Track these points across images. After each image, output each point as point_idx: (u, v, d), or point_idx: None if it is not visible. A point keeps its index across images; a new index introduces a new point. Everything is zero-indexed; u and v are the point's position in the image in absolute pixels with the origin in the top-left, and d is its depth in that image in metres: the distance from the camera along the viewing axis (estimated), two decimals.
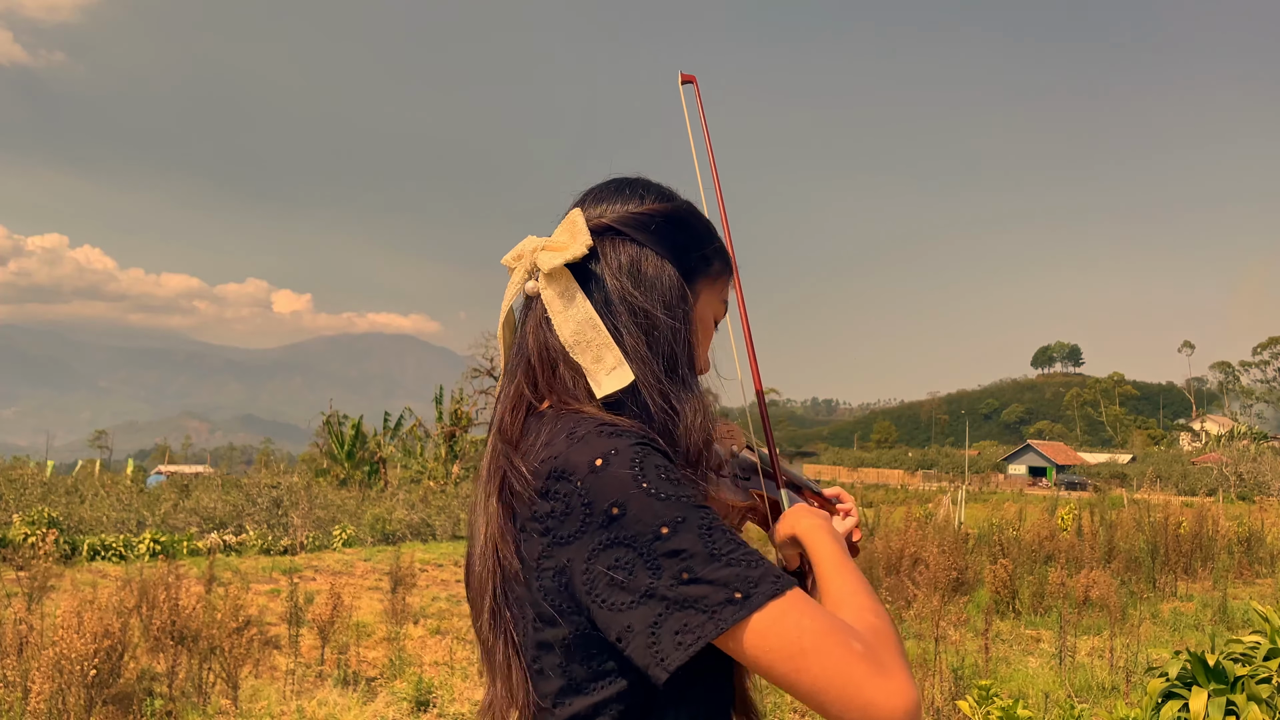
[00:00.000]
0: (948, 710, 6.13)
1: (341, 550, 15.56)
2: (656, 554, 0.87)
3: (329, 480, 29.05)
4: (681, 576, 0.86)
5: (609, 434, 0.94)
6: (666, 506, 0.89)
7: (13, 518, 14.86)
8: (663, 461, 0.92)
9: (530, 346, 1.06)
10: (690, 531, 0.87)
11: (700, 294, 1.11)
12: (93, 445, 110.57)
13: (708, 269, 1.12)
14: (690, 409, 1.02)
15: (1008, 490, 54.25)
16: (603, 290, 1.04)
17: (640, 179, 1.13)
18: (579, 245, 1.04)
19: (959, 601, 10.15)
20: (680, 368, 1.04)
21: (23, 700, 5.45)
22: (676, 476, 0.92)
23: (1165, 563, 12.96)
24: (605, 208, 1.08)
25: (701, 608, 0.85)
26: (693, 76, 1.19)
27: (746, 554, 0.88)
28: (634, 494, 0.89)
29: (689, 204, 1.13)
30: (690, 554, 0.87)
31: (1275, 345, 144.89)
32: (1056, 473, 75.10)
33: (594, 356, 1.01)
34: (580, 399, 1.02)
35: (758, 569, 0.87)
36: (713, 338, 1.16)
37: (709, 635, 0.85)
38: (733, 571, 0.86)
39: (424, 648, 8.25)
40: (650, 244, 1.06)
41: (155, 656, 7.00)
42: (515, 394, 1.06)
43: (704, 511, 0.90)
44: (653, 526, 0.88)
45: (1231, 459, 49.94)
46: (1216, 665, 4.19)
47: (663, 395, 1.01)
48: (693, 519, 0.88)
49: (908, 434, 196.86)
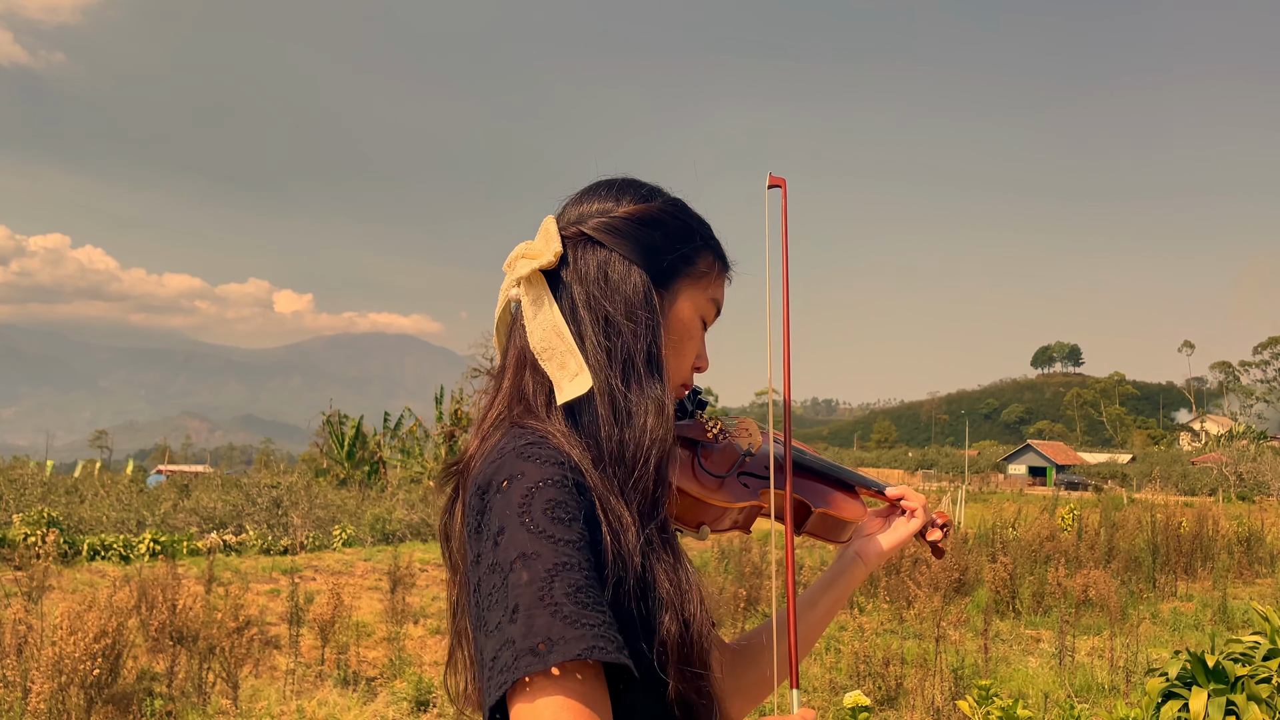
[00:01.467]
0: (948, 710, 6.13)
1: (341, 550, 15.57)
2: (509, 585, 0.86)
3: (329, 480, 29.06)
4: (511, 612, 0.84)
5: (525, 457, 0.94)
6: (531, 540, 0.86)
7: (13, 518, 14.87)
8: (562, 497, 0.91)
9: (510, 352, 1.09)
10: (535, 569, 0.85)
11: (680, 294, 1.10)
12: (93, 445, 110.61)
13: (688, 268, 1.10)
14: (645, 414, 1.01)
15: (1008, 490, 54.23)
16: (570, 297, 1.04)
17: (623, 179, 1.13)
18: (549, 253, 1.05)
19: (959, 601, 10.15)
20: (641, 374, 1.03)
21: (23, 700, 5.44)
22: (565, 516, 0.89)
23: (1165, 563, 12.96)
24: (580, 211, 1.09)
25: (509, 652, 0.82)
26: (782, 180, 1.16)
27: (579, 611, 0.84)
28: (513, 520, 0.88)
29: (671, 202, 1.11)
30: (524, 591, 0.84)
31: (1275, 345, 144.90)
32: (1056, 473, 75.10)
33: (559, 363, 1.01)
34: (536, 408, 1.03)
35: (577, 629, 0.82)
36: (700, 339, 1.14)
37: (507, 683, 0.81)
38: (545, 623, 0.82)
39: (424, 648, 8.25)
40: (619, 248, 1.06)
41: (155, 656, 7.00)
42: (491, 396, 1.09)
43: (567, 554, 0.86)
44: (510, 556, 0.87)
45: (1231, 459, 49.96)
46: (1216, 665, 4.19)
47: (618, 401, 1.01)
48: (548, 558, 0.86)
49: (908, 434, 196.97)
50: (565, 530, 0.89)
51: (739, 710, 1.25)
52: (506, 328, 1.11)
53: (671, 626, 0.97)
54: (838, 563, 1.31)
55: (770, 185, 1.16)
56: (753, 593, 10.16)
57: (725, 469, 1.18)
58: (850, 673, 7.07)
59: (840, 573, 1.29)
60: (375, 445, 32.72)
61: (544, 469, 0.93)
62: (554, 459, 0.94)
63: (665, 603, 0.97)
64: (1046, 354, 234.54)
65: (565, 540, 0.88)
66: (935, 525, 1.35)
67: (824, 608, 1.27)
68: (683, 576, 1.00)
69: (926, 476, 70.24)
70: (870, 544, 1.31)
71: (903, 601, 9.95)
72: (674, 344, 1.10)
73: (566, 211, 1.10)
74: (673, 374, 1.11)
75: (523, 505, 0.89)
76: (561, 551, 0.87)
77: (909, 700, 6.50)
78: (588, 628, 0.83)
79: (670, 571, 0.99)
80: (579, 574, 0.86)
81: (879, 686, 6.76)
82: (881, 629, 9.38)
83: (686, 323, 1.11)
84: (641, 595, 0.97)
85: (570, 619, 0.83)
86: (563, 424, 1.01)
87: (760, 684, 1.25)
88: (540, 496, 0.90)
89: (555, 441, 0.97)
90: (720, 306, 1.15)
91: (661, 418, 1.02)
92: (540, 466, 0.93)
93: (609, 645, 0.83)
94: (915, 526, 1.30)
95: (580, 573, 0.86)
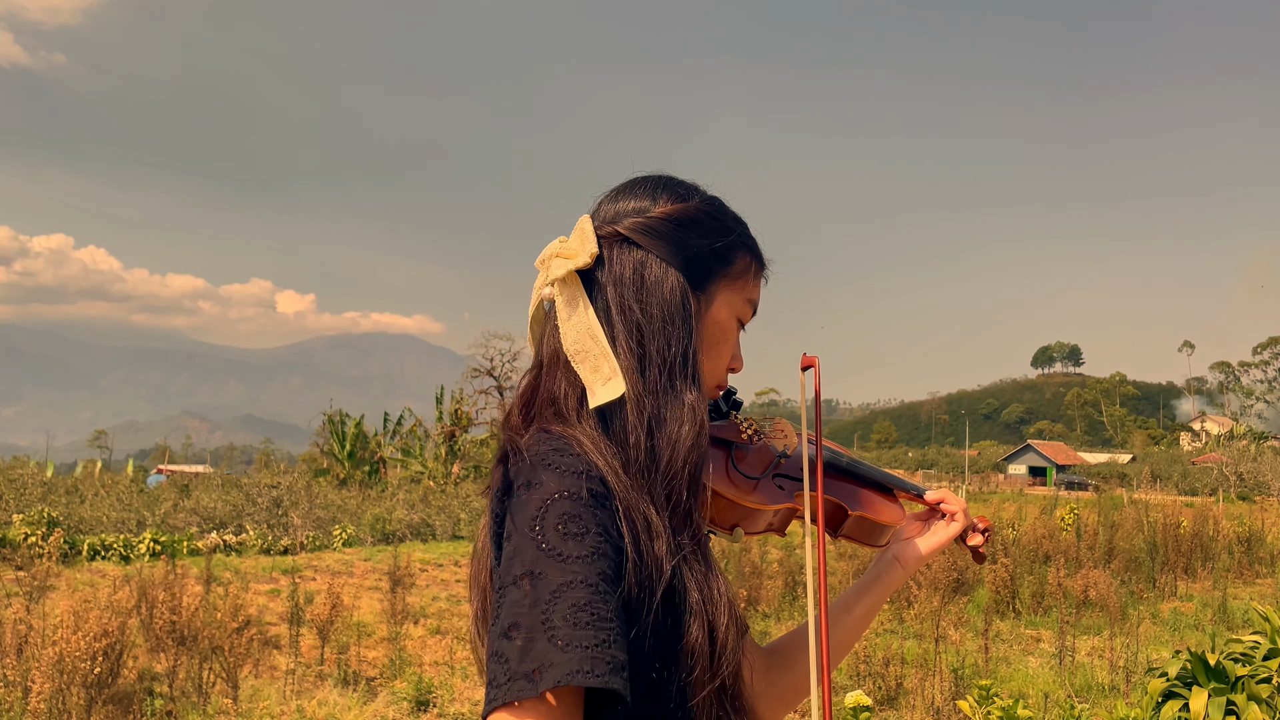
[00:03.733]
0: (948, 710, 6.13)
1: (341, 550, 15.56)
2: (511, 600, 0.85)
3: (329, 480, 29.04)
4: (509, 628, 0.84)
5: (546, 464, 0.93)
6: (539, 558, 0.86)
7: (13, 518, 14.86)
8: (576, 510, 0.90)
9: (545, 350, 1.07)
10: (540, 589, 0.85)
11: (717, 295, 1.08)
12: (93, 445, 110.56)
13: (725, 268, 1.09)
14: (678, 421, 0.99)
15: (1008, 490, 54.22)
16: (604, 299, 1.03)
17: (658, 176, 1.11)
18: (585, 254, 1.03)
19: (959, 601, 10.15)
20: (675, 378, 1.01)
21: (23, 700, 5.45)
22: (577, 530, 0.88)
23: (1165, 563, 12.95)
24: (616, 210, 1.07)
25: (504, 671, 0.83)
26: (814, 360, 1.15)
27: (574, 632, 0.83)
28: (524, 533, 0.88)
29: (708, 201, 1.10)
30: (526, 611, 0.84)
31: (1275, 345, 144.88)
32: (1057, 473, 75.08)
33: (591, 366, 1.00)
34: (567, 411, 1.01)
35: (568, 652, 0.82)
36: (735, 339, 1.12)
37: (497, 700, 0.82)
38: (542, 648, 0.82)
39: (424, 648, 8.25)
40: (655, 249, 1.04)
41: (155, 656, 7.01)
42: (526, 390, 1.07)
43: (574, 571, 0.86)
44: (516, 570, 0.87)
45: (1231, 459, 49.93)
46: (1217, 665, 4.20)
47: (649, 408, 0.99)
48: (553, 578, 0.85)
49: (908, 434, 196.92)
50: (576, 546, 0.88)
51: (773, 713, 1.23)
52: (540, 325, 1.09)
53: (699, 635, 0.96)
54: (875, 566, 1.29)
55: (804, 367, 1.15)
56: (753, 593, 10.17)
57: (760, 470, 1.16)
58: (850, 673, 7.07)
59: (877, 576, 1.27)
60: (376, 445, 32.72)
61: (563, 480, 0.91)
62: (574, 468, 0.93)
63: (694, 611, 0.96)
64: (1046, 354, 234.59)
65: (575, 557, 0.87)
66: (976, 530, 1.32)
67: (860, 612, 1.26)
68: (714, 586, 0.99)
69: (927, 477, 70.21)
70: (909, 548, 1.28)
71: (903, 601, 9.95)
72: (710, 346, 1.09)
73: (602, 209, 1.08)
74: (708, 375, 1.09)
75: (535, 519, 0.89)
76: (569, 569, 0.86)
77: (909, 700, 6.50)
78: (579, 649, 0.82)
79: (701, 580, 0.98)
80: (583, 591, 0.85)
81: (879, 686, 6.76)
82: (881, 629, 9.38)
83: (723, 324, 1.09)
84: (670, 603, 0.96)
85: (565, 642, 0.82)
86: (593, 428, 0.99)
87: (795, 688, 1.24)
88: (554, 510, 0.89)
89: (580, 448, 0.96)
90: (756, 306, 1.14)
91: (695, 424, 1.00)
92: (560, 477, 0.92)
93: (599, 668, 0.82)
94: (955, 531, 1.27)
95: (585, 590, 0.85)
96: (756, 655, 1.23)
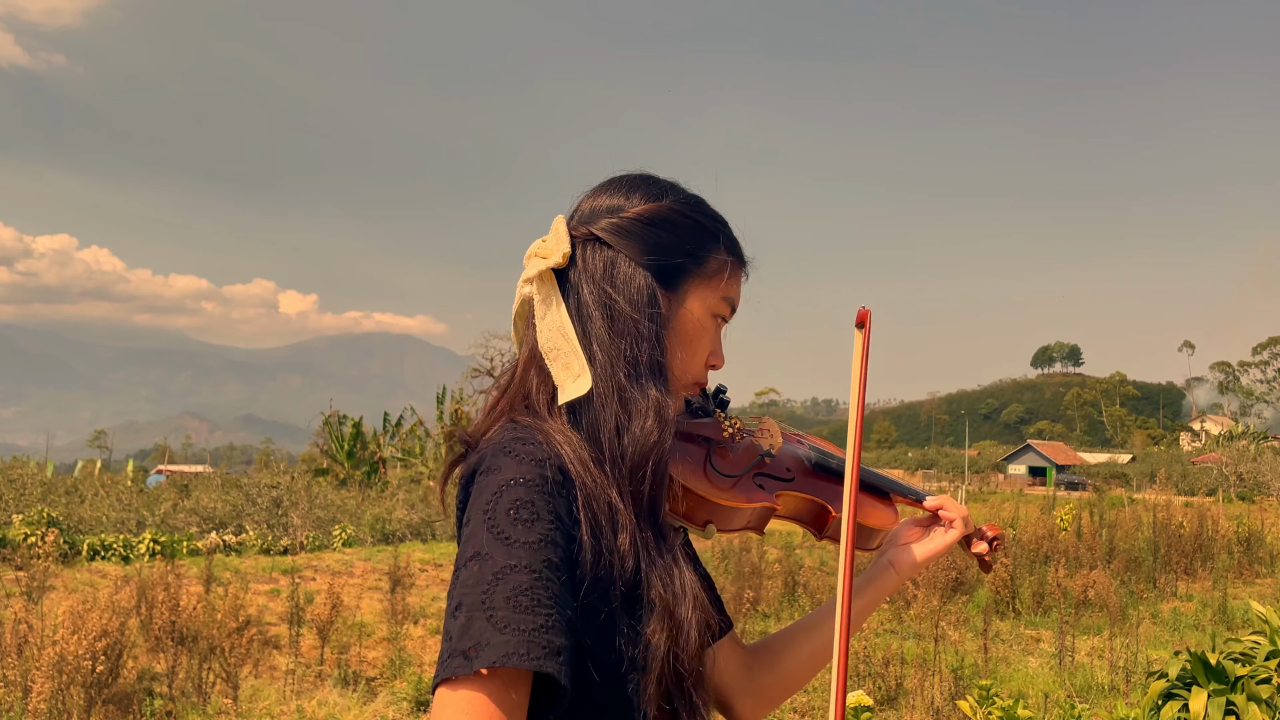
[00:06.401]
0: (948, 710, 6.13)
1: (341, 550, 15.56)
2: (460, 580, 0.89)
3: (329, 480, 29.02)
4: (454, 608, 0.87)
5: (507, 452, 0.95)
6: (488, 540, 0.89)
7: (13, 518, 14.86)
8: (529, 497, 0.91)
9: (524, 349, 1.10)
10: (485, 570, 0.87)
11: (690, 294, 1.09)
12: (93, 445, 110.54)
13: (698, 267, 1.10)
14: (644, 417, 1.01)
15: (1008, 490, 54.20)
16: (576, 298, 1.05)
17: (637, 176, 1.12)
18: (558, 254, 1.06)
19: (959, 601, 10.15)
20: (641, 376, 1.03)
21: (23, 700, 5.45)
22: (528, 516, 0.90)
23: (1165, 563, 12.95)
24: (592, 209, 1.09)
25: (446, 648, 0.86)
26: (867, 314, 1.16)
27: (512, 615, 0.85)
28: (478, 516, 0.91)
29: (683, 200, 1.10)
30: (470, 591, 0.87)
31: (1275, 345, 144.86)
32: (1056, 473, 75.07)
33: (563, 364, 1.02)
34: (539, 407, 1.04)
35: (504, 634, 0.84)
36: (713, 337, 1.12)
37: (438, 676, 0.85)
38: (480, 627, 0.84)
39: (424, 648, 8.25)
40: (625, 249, 1.06)
41: (155, 656, 7.01)
42: (505, 384, 1.10)
43: (519, 556, 0.88)
44: (467, 552, 0.90)
45: (1231, 459, 49.91)
46: (1217, 665, 4.20)
47: (615, 403, 1.01)
48: (498, 560, 0.87)
49: (908, 434, 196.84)
50: (525, 531, 0.89)
51: (752, 711, 1.23)
52: (524, 323, 1.11)
53: (658, 631, 0.96)
54: (869, 570, 1.28)
55: (858, 324, 1.16)
56: (753, 593, 10.16)
57: (740, 469, 1.17)
58: (850, 673, 7.07)
59: (870, 580, 1.26)
60: (375, 445, 32.72)
61: (520, 466, 0.93)
62: (534, 456, 0.95)
63: (654, 607, 0.97)
64: (1046, 354, 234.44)
65: (523, 542, 0.89)
66: (983, 538, 1.29)
67: (853, 615, 1.25)
68: (677, 581, 0.99)
69: (926, 477, 70.19)
70: (904, 553, 1.26)
71: (902, 601, 9.95)
72: (685, 343, 1.10)
73: (579, 209, 1.11)
74: (683, 372, 1.10)
75: (489, 503, 0.91)
76: (514, 553, 0.88)
77: (909, 700, 6.50)
78: (515, 632, 0.84)
79: (664, 575, 0.99)
80: (525, 575, 0.87)
81: (879, 686, 6.76)
82: (881, 629, 9.38)
83: (697, 322, 1.10)
84: (631, 596, 0.97)
85: (503, 624, 0.84)
86: (563, 423, 1.02)
87: (778, 687, 1.24)
88: (508, 496, 0.91)
89: (544, 438, 0.98)
90: (735, 304, 1.14)
91: (660, 421, 1.02)
92: (518, 464, 0.94)
93: (534, 651, 0.84)
94: (953, 539, 1.26)
95: (527, 575, 0.87)
96: (738, 653, 1.24)
